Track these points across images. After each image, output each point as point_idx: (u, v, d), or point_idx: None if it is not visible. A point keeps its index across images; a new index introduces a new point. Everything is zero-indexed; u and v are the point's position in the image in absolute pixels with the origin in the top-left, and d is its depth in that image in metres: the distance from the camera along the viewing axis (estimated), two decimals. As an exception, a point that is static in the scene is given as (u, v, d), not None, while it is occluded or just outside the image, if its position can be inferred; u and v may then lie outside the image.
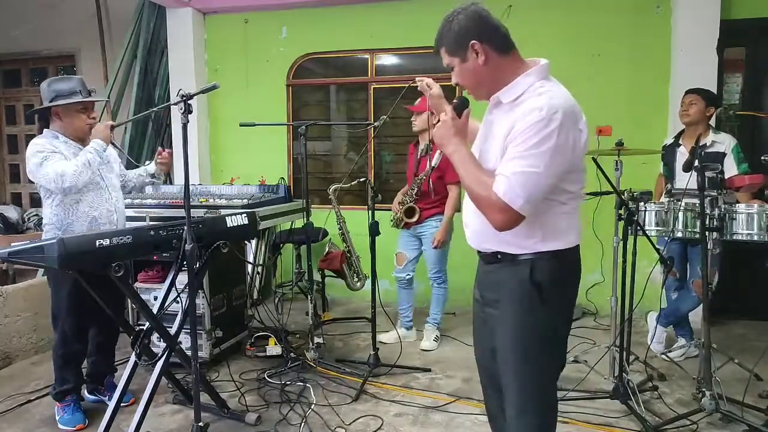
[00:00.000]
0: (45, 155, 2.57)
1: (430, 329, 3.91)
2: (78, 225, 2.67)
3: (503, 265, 1.63)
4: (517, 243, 1.58)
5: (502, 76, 1.57)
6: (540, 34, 4.48)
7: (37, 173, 2.58)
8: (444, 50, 1.59)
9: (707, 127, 3.44)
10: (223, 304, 3.58)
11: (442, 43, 1.59)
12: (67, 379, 2.81)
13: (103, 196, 2.75)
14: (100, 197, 2.73)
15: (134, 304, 3.09)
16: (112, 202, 2.78)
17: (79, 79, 2.75)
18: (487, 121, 1.67)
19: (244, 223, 2.76)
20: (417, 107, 3.68)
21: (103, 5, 5.69)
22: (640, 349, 3.23)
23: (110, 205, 2.77)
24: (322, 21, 5.15)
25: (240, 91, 5.38)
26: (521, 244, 1.58)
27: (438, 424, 2.78)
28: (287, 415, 2.84)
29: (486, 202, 1.49)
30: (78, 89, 2.69)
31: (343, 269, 4.18)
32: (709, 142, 3.36)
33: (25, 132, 6.31)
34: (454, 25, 1.55)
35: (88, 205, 2.69)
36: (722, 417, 2.66)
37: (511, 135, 1.48)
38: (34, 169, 2.58)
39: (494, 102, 1.62)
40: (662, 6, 4.44)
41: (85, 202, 2.69)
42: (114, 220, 2.78)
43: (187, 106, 2.23)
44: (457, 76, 1.61)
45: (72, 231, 2.63)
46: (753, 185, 3.02)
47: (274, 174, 4.92)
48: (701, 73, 4.12)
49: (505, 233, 1.53)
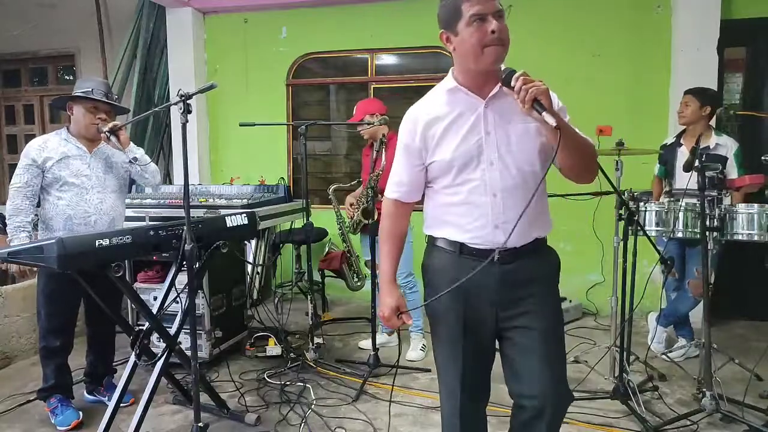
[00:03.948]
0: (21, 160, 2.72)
1: (416, 338, 3.76)
2: (56, 221, 2.73)
3: (537, 251, 1.69)
4: (546, 227, 1.72)
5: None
6: (540, 34, 4.47)
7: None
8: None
9: (708, 127, 3.43)
10: (222, 304, 3.58)
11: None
12: (48, 376, 2.82)
13: (84, 197, 2.75)
14: (79, 197, 2.74)
15: (134, 304, 3.09)
16: (94, 203, 2.77)
17: (101, 81, 2.87)
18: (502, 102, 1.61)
19: (243, 223, 2.76)
20: (355, 119, 3.64)
21: (102, 5, 5.69)
22: (640, 349, 3.23)
23: (89, 206, 2.76)
24: (322, 21, 5.15)
25: (240, 91, 5.38)
26: (547, 227, 1.72)
27: (438, 424, 2.76)
28: (287, 416, 2.84)
29: (593, 150, 1.66)
30: (93, 88, 2.76)
31: (343, 269, 4.17)
32: (712, 145, 3.35)
33: (25, 132, 6.31)
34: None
35: (67, 203, 2.72)
36: (722, 417, 2.65)
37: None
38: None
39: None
40: (662, 6, 4.43)
41: (65, 200, 2.72)
42: (91, 222, 2.76)
43: (186, 105, 2.23)
44: (505, 27, 1.54)
45: (51, 227, 2.72)
46: (753, 185, 3.02)
47: (274, 174, 4.93)
48: (701, 73, 4.12)
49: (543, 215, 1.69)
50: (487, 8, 1.51)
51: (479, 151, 1.61)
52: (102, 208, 2.80)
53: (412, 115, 1.70)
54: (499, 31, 1.50)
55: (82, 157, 2.78)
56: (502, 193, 1.60)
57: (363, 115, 3.58)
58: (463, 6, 1.52)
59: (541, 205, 1.68)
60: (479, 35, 1.51)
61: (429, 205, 1.76)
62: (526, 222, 1.57)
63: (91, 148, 2.82)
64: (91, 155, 2.81)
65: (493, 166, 1.60)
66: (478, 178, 1.62)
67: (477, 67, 1.57)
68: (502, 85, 1.55)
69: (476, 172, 1.62)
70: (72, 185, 2.73)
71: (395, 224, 1.79)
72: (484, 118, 1.61)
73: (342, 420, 2.79)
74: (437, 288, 1.68)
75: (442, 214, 1.71)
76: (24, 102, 6.35)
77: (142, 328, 2.57)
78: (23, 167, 2.70)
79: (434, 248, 1.75)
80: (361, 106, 3.66)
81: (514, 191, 1.60)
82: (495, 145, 1.60)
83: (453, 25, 1.56)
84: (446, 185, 1.67)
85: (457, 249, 1.67)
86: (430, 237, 1.77)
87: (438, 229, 1.72)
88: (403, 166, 1.73)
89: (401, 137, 1.72)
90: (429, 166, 1.69)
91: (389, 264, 1.77)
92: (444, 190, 1.68)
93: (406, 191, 1.75)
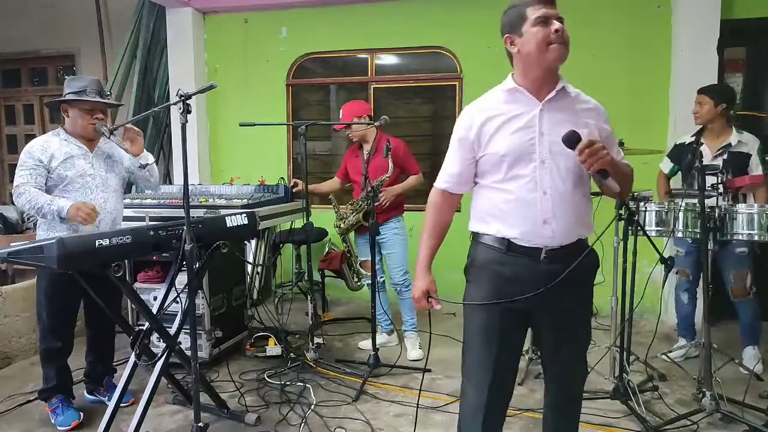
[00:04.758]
0: (25, 161, 2.66)
1: (412, 336, 3.77)
2: (59, 221, 2.69)
3: (580, 251, 1.76)
4: (589, 227, 1.83)
5: None
6: (540, 33, 4.47)
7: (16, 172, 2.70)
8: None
9: (728, 125, 3.37)
10: (222, 304, 3.58)
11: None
12: (50, 377, 2.82)
13: (88, 196, 2.74)
14: (84, 196, 2.73)
15: (134, 305, 3.09)
16: (98, 203, 2.75)
17: (94, 79, 2.80)
18: (557, 107, 1.74)
19: (243, 223, 2.75)
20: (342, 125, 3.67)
21: (102, 5, 5.69)
22: (640, 349, 3.23)
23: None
24: (322, 21, 5.15)
25: (240, 91, 5.38)
26: (590, 228, 1.83)
27: (438, 424, 2.78)
28: (287, 416, 2.84)
29: (632, 176, 1.85)
30: (87, 88, 2.72)
31: (343, 269, 4.17)
32: (735, 142, 3.30)
33: (25, 132, 6.32)
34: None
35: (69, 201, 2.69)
36: (722, 417, 2.66)
37: (604, 124, 1.79)
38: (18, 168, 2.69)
39: (558, 88, 1.73)
40: (662, 5, 4.44)
41: (68, 198, 2.68)
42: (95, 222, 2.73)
43: (186, 106, 2.23)
44: (566, 32, 1.68)
45: (53, 227, 2.70)
46: (753, 185, 3.02)
47: (274, 174, 4.92)
48: (701, 73, 4.11)
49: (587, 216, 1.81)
50: (550, 13, 1.67)
51: (531, 150, 1.70)
52: (106, 207, 2.80)
53: (470, 110, 1.82)
54: (561, 31, 1.65)
55: (85, 157, 2.77)
56: (552, 191, 1.70)
57: (351, 117, 3.59)
58: (527, 10, 1.68)
59: (585, 206, 1.80)
60: (544, 33, 1.65)
61: (477, 201, 1.85)
62: (573, 220, 1.72)
63: (91, 147, 2.81)
64: (93, 154, 2.81)
65: (544, 165, 1.70)
66: (528, 174, 1.71)
67: (540, 64, 1.68)
68: (563, 143, 1.66)
69: (527, 169, 1.71)
70: (77, 185, 2.71)
71: (441, 215, 1.89)
72: (540, 119, 1.72)
73: (342, 420, 2.79)
74: (481, 283, 1.80)
75: (490, 210, 1.79)
76: (24, 102, 6.36)
77: (142, 328, 2.57)
78: (30, 168, 2.64)
79: (479, 245, 1.83)
80: (348, 108, 3.67)
81: (563, 190, 1.71)
82: (548, 145, 1.70)
83: (518, 28, 1.70)
84: (497, 180, 1.76)
85: (504, 246, 1.75)
86: (475, 234, 1.86)
87: (485, 225, 1.80)
88: (456, 158, 1.84)
89: (457, 131, 1.83)
90: (480, 159, 1.79)
91: (427, 253, 1.88)
92: (494, 185, 1.77)
93: (456, 183, 1.85)
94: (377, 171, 3.46)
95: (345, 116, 3.63)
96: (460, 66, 4.89)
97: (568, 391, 1.98)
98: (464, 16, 4.79)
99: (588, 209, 1.82)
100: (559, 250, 1.72)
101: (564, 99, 1.74)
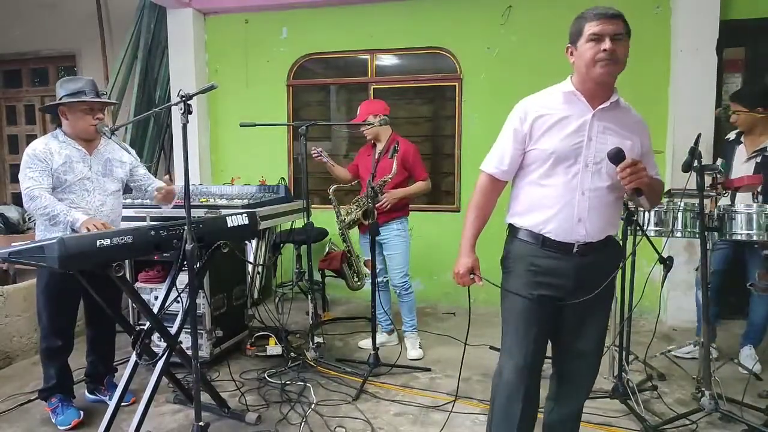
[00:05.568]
0: (32, 163, 2.63)
1: (413, 337, 3.78)
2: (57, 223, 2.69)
3: (607, 245, 1.91)
4: (617, 226, 1.98)
5: None
6: (539, 34, 4.48)
7: (20, 176, 2.67)
8: (622, 21, 1.79)
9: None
10: (223, 303, 3.59)
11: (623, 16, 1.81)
12: (50, 376, 2.83)
13: (85, 199, 2.74)
14: (81, 199, 2.73)
15: (135, 304, 3.10)
16: (95, 206, 2.76)
17: (88, 80, 2.79)
18: (607, 116, 1.85)
19: (244, 223, 2.76)
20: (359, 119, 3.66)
21: (103, 5, 5.70)
22: (639, 348, 3.24)
23: (90, 209, 2.75)
24: (322, 21, 5.16)
25: (240, 92, 5.38)
26: (617, 226, 1.99)
27: (438, 423, 2.78)
28: (287, 415, 2.84)
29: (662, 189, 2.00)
30: (84, 89, 2.71)
31: (343, 269, 4.17)
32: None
33: (26, 132, 6.33)
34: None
35: (69, 204, 2.69)
36: (722, 417, 2.66)
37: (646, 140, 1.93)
38: (20, 171, 2.67)
39: (612, 100, 1.85)
40: (662, 6, 4.44)
41: (68, 201, 2.69)
42: None
43: (187, 106, 2.23)
44: (621, 48, 1.77)
45: (52, 229, 2.67)
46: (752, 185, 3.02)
47: (275, 174, 4.93)
48: (701, 73, 4.13)
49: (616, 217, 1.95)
50: (605, 30, 1.75)
51: (578, 152, 1.82)
52: (103, 210, 2.80)
53: (526, 104, 1.92)
54: (611, 51, 1.73)
55: (83, 160, 2.77)
56: (590, 193, 1.82)
57: (366, 116, 3.59)
58: (585, 26, 1.78)
59: (617, 208, 1.95)
60: (593, 52, 1.76)
61: (517, 194, 1.97)
62: (605, 221, 1.87)
63: (90, 150, 2.81)
64: (91, 157, 2.81)
65: (587, 168, 1.82)
66: (571, 174, 1.82)
67: (590, 78, 1.80)
68: (608, 158, 1.77)
69: (571, 169, 1.82)
70: (74, 188, 2.72)
71: (487, 198, 1.99)
72: (590, 125, 1.83)
73: (342, 419, 2.80)
74: (518, 274, 1.92)
75: (530, 202, 1.90)
76: (25, 102, 6.37)
77: (143, 328, 2.58)
78: (39, 170, 2.62)
79: (515, 239, 1.95)
80: (365, 107, 3.69)
81: (601, 193, 1.83)
82: (594, 150, 1.82)
83: (576, 41, 1.82)
84: (540, 175, 1.87)
85: (539, 241, 1.88)
86: (511, 226, 1.98)
87: (523, 217, 1.92)
88: (509, 147, 1.92)
89: (511, 122, 1.92)
90: (528, 152, 1.89)
91: (472, 231, 1.98)
92: (537, 180, 1.88)
93: (503, 171, 1.95)
94: (384, 171, 3.48)
95: (361, 114, 3.65)
96: (459, 66, 4.90)
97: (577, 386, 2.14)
98: (464, 16, 4.79)
99: (618, 211, 1.96)
100: (590, 244, 1.86)
101: (615, 110, 1.86)
